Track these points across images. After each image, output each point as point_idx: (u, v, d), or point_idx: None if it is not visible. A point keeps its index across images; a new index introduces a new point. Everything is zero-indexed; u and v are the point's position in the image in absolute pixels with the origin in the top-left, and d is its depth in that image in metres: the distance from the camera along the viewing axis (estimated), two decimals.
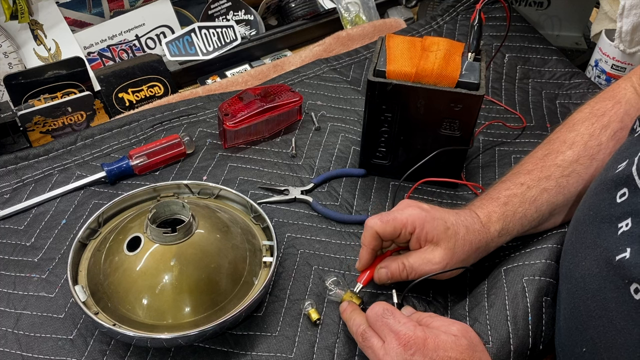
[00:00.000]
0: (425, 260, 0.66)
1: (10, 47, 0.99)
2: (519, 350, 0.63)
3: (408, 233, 0.66)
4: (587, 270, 0.56)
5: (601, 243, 0.55)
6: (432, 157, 0.80)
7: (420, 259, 0.66)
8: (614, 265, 0.52)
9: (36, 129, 0.92)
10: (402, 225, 0.66)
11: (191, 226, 0.67)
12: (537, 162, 0.72)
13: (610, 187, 0.57)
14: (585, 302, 0.56)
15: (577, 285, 0.58)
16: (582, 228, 0.60)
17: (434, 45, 0.77)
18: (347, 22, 1.19)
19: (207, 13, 1.14)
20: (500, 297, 0.67)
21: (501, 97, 1.01)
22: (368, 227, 0.67)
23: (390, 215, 0.66)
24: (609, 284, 0.53)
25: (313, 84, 1.03)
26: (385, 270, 0.68)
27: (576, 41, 1.19)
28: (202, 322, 0.63)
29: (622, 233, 0.53)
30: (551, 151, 0.73)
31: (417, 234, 0.66)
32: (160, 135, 0.92)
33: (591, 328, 0.55)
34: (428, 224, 0.65)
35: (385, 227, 0.66)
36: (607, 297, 0.53)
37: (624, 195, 0.55)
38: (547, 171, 0.71)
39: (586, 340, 0.56)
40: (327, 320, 0.69)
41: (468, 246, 0.66)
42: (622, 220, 0.54)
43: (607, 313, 0.53)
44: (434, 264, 0.66)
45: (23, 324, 0.68)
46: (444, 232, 0.65)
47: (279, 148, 0.92)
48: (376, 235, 0.67)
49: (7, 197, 0.83)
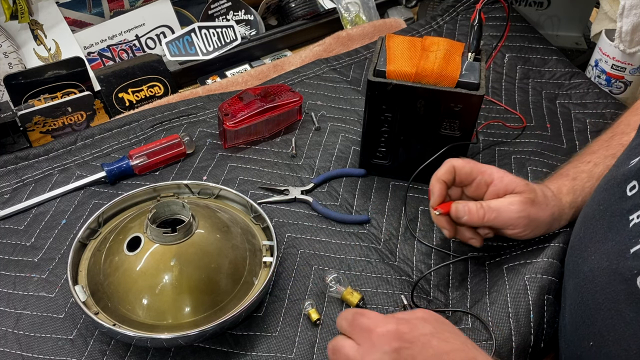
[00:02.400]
0: (505, 203, 0.67)
1: (10, 47, 0.99)
2: (520, 347, 0.63)
3: (484, 183, 0.68)
4: (597, 264, 0.56)
5: (613, 237, 0.55)
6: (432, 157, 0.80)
7: (499, 201, 0.67)
8: (627, 257, 0.52)
9: (36, 129, 0.92)
10: (481, 172, 0.68)
11: (191, 226, 0.67)
12: (602, 143, 0.75)
13: (620, 181, 0.58)
14: (593, 296, 0.56)
15: (585, 280, 0.58)
16: (591, 223, 0.60)
17: (434, 45, 0.77)
18: (347, 22, 1.19)
19: (207, 13, 1.14)
20: (502, 295, 0.67)
21: (501, 97, 1.01)
22: (447, 162, 0.69)
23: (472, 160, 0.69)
24: (618, 277, 0.52)
25: (313, 84, 1.03)
26: (463, 206, 0.68)
27: (576, 41, 1.19)
28: (202, 322, 0.63)
29: (635, 225, 0.53)
30: (616, 133, 0.76)
31: (496, 185, 0.68)
32: (160, 135, 0.92)
33: (599, 321, 0.55)
34: (507, 177, 0.68)
35: (464, 165, 0.68)
36: (616, 289, 0.53)
37: (634, 188, 0.55)
38: (612, 150, 0.73)
39: (593, 334, 0.55)
40: (327, 320, 0.69)
41: (544, 205, 0.68)
42: (632, 212, 0.54)
43: (616, 305, 0.52)
44: (512, 208, 0.67)
45: (23, 324, 0.68)
46: (524, 185, 0.68)
47: (279, 148, 0.92)
48: (452, 170, 0.68)
49: (7, 197, 0.83)
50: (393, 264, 0.76)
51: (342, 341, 0.55)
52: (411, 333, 0.53)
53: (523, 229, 0.68)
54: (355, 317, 0.56)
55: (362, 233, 0.79)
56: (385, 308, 0.70)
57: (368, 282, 0.73)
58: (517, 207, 0.67)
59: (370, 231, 0.80)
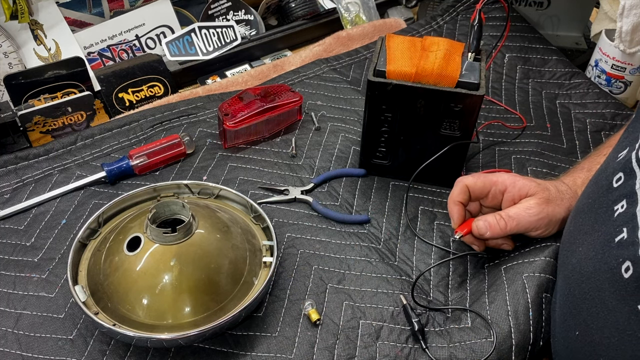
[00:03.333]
0: (522, 208, 0.68)
1: (10, 47, 0.99)
2: (520, 345, 0.64)
3: (499, 192, 0.69)
4: (584, 255, 0.57)
5: (599, 228, 0.56)
6: (432, 157, 0.80)
7: (517, 208, 0.68)
8: (612, 246, 0.52)
9: (36, 129, 0.92)
10: (493, 183, 0.69)
11: (191, 226, 0.67)
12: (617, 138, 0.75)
13: (609, 174, 0.58)
14: (580, 286, 0.56)
15: (573, 271, 0.59)
16: (580, 217, 0.61)
17: (434, 45, 0.77)
18: (347, 22, 1.19)
19: (207, 13, 1.14)
20: (500, 294, 0.67)
21: (501, 97, 1.01)
22: (458, 181, 0.70)
23: (482, 174, 0.70)
24: (603, 266, 0.53)
25: (313, 84, 1.03)
26: (483, 222, 0.69)
27: (576, 41, 1.19)
28: (202, 322, 0.63)
29: (618, 214, 0.54)
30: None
31: (510, 192, 0.69)
32: (160, 135, 0.92)
33: (584, 310, 0.55)
34: (519, 181, 0.69)
35: (476, 181, 0.69)
36: (601, 278, 0.53)
37: (620, 180, 0.56)
38: None
39: (579, 323, 0.56)
40: (327, 320, 0.69)
41: (560, 200, 0.69)
42: (617, 202, 0.54)
43: (600, 294, 0.53)
44: (530, 212, 0.67)
45: (23, 324, 0.68)
46: (537, 186, 0.68)
47: (279, 148, 0.92)
48: (465, 189, 0.69)
49: (7, 197, 0.83)
50: (393, 264, 0.76)
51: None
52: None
53: (545, 229, 0.69)
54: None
55: (362, 233, 0.79)
56: (385, 308, 0.70)
57: (368, 282, 0.73)
58: (535, 210, 0.67)
59: (370, 231, 0.80)
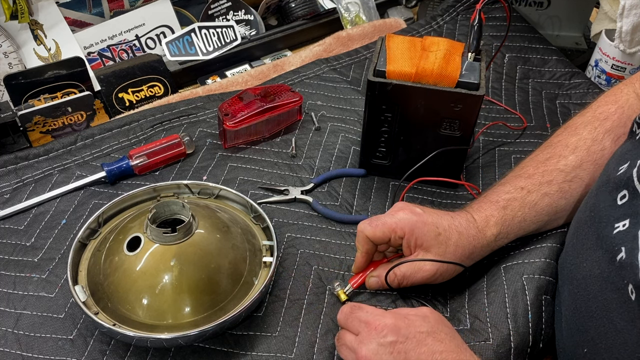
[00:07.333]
0: (416, 268, 0.66)
1: (10, 47, 0.99)
2: (519, 348, 0.63)
3: (398, 237, 0.67)
4: (589, 272, 0.57)
5: (602, 245, 0.55)
6: (431, 157, 0.80)
7: (411, 267, 0.67)
8: (615, 266, 0.52)
9: (36, 129, 0.92)
10: (391, 230, 0.66)
11: (191, 226, 0.67)
12: (539, 166, 0.71)
13: (612, 189, 0.58)
14: (586, 304, 0.56)
15: (579, 287, 0.58)
16: (583, 230, 0.60)
17: (434, 45, 0.77)
18: (347, 22, 1.19)
19: (207, 13, 1.14)
20: (500, 295, 0.67)
21: (501, 97, 1.01)
22: (359, 231, 0.68)
23: (380, 220, 0.67)
24: (609, 285, 0.53)
25: (313, 84, 1.03)
26: (375, 279, 0.69)
27: (576, 41, 1.19)
28: (202, 322, 0.63)
29: (618, 232, 0.53)
30: (553, 155, 0.72)
31: (407, 240, 0.66)
32: (160, 135, 0.92)
33: (592, 329, 0.55)
34: (418, 229, 0.66)
35: (374, 232, 0.66)
36: (607, 298, 0.53)
37: (624, 198, 0.55)
38: (549, 176, 0.70)
39: (587, 341, 0.56)
40: (326, 320, 0.69)
41: (460, 251, 0.66)
42: (619, 221, 0.54)
43: (607, 314, 0.53)
44: (424, 272, 0.66)
45: (23, 324, 0.68)
46: (434, 238, 0.66)
47: (279, 148, 0.92)
48: (367, 239, 0.68)
49: (7, 197, 0.83)
50: None
51: (343, 333, 0.61)
52: (407, 329, 0.56)
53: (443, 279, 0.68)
54: (353, 310, 0.61)
55: None
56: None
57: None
58: (428, 273, 0.66)
59: None
